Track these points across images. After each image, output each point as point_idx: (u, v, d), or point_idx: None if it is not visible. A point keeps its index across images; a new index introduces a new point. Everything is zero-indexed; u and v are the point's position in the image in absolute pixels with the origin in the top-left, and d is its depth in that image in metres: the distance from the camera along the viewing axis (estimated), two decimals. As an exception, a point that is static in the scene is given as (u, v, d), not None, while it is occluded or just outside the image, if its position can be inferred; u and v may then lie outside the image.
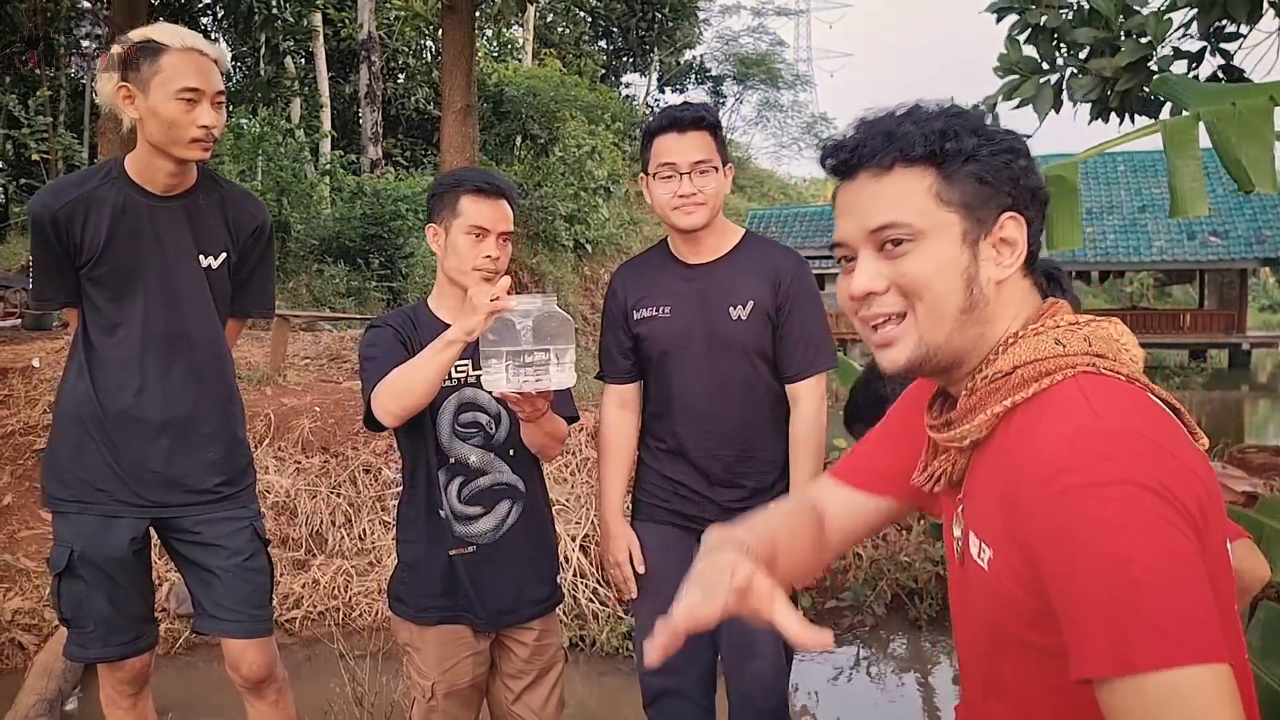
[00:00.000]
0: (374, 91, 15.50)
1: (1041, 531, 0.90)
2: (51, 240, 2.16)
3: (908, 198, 1.02)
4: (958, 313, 1.02)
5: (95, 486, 2.23)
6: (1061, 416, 0.94)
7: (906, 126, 1.02)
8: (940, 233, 1.01)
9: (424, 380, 1.99)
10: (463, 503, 2.20)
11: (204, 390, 2.29)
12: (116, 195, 2.19)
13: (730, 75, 28.26)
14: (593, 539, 4.93)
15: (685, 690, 2.37)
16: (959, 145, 1.01)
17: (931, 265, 1.01)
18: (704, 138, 2.26)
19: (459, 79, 6.01)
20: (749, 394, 2.35)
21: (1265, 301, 38.17)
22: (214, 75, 2.14)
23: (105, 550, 2.23)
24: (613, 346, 2.46)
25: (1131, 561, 0.83)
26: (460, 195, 2.16)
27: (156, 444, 2.24)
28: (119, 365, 2.22)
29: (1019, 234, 1.03)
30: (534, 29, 21.46)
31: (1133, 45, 3.48)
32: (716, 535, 1.09)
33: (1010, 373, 1.00)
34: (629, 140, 19.63)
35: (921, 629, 4.82)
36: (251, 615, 2.31)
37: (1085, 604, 0.86)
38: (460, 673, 2.22)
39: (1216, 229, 21.60)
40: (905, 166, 1.02)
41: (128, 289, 2.21)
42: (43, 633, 4.41)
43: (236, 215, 2.32)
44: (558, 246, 15.49)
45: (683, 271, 2.38)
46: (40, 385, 5.99)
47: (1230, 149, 2.11)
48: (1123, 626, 0.83)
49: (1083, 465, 0.88)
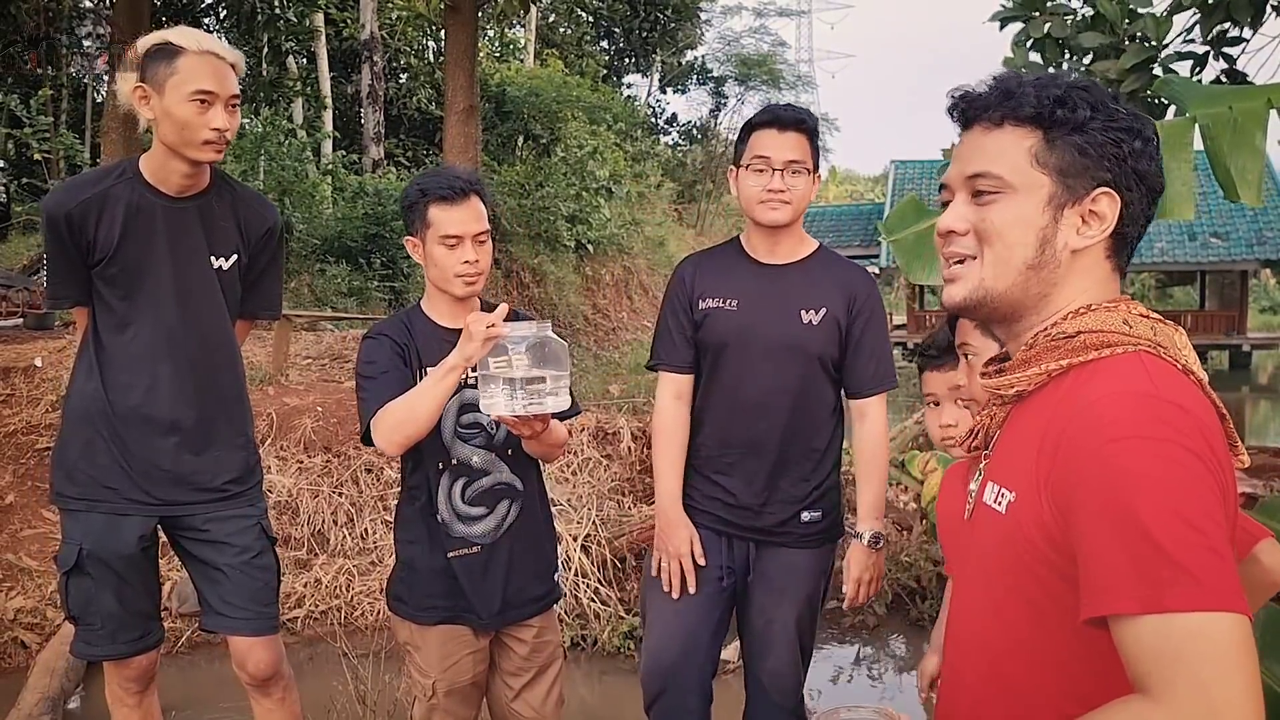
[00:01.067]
0: (376, 92, 15.50)
1: (1085, 476, 0.93)
2: (65, 238, 2.17)
3: (1007, 153, 1.07)
4: (1024, 266, 1.07)
5: (104, 484, 2.24)
6: (1121, 380, 0.98)
7: (1026, 88, 1.07)
8: (1029, 191, 1.06)
9: (426, 410, 2.02)
10: (466, 503, 2.20)
11: (213, 389, 2.31)
12: (130, 195, 2.20)
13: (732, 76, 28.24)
14: (594, 539, 4.94)
15: (685, 693, 2.38)
16: (1070, 114, 1.05)
17: (1010, 217, 1.07)
18: (801, 139, 2.28)
19: (462, 79, 6.02)
20: (803, 399, 2.33)
21: (1266, 303, 38.11)
22: (229, 79, 2.15)
23: (114, 548, 2.24)
24: (674, 330, 2.43)
25: (1174, 512, 0.88)
26: (428, 205, 2.15)
27: (165, 442, 2.25)
28: (129, 364, 2.23)
29: (1111, 211, 1.05)
30: (536, 29, 21.46)
31: (1137, 48, 3.49)
32: None
33: (1073, 336, 1.04)
34: (630, 141, 19.64)
35: (923, 629, 4.82)
36: (259, 613, 2.32)
37: (1115, 544, 0.89)
38: (461, 670, 2.22)
39: (1217, 230, 21.58)
40: (1014, 125, 1.07)
41: (139, 288, 2.22)
42: (45, 631, 4.42)
43: (248, 217, 2.34)
44: (559, 247, 15.49)
45: (755, 269, 2.37)
46: (42, 385, 6.00)
47: (1221, 157, 2.11)
48: (1155, 568, 0.87)
49: (1137, 421, 0.93)
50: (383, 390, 2.09)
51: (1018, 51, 3.80)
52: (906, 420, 8.64)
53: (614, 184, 16.71)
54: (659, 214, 20.19)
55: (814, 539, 2.37)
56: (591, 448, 5.53)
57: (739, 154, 2.34)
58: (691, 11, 24.43)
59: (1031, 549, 1.00)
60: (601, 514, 5.11)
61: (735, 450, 2.36)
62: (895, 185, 24.66)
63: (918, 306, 23.41)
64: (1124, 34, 3.59)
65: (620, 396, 6.83)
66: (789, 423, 2.33)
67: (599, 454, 5.61)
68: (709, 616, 2.39)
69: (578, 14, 23.08)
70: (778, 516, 2.35)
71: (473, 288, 2.19)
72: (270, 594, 2.36)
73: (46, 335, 7.84)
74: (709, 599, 2.39)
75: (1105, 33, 3.63)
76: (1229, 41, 3.67)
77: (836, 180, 46.36)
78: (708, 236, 23.28)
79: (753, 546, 2.39)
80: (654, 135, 24.20)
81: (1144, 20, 3.56)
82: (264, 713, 2.40)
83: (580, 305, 15.25)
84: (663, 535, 2.39)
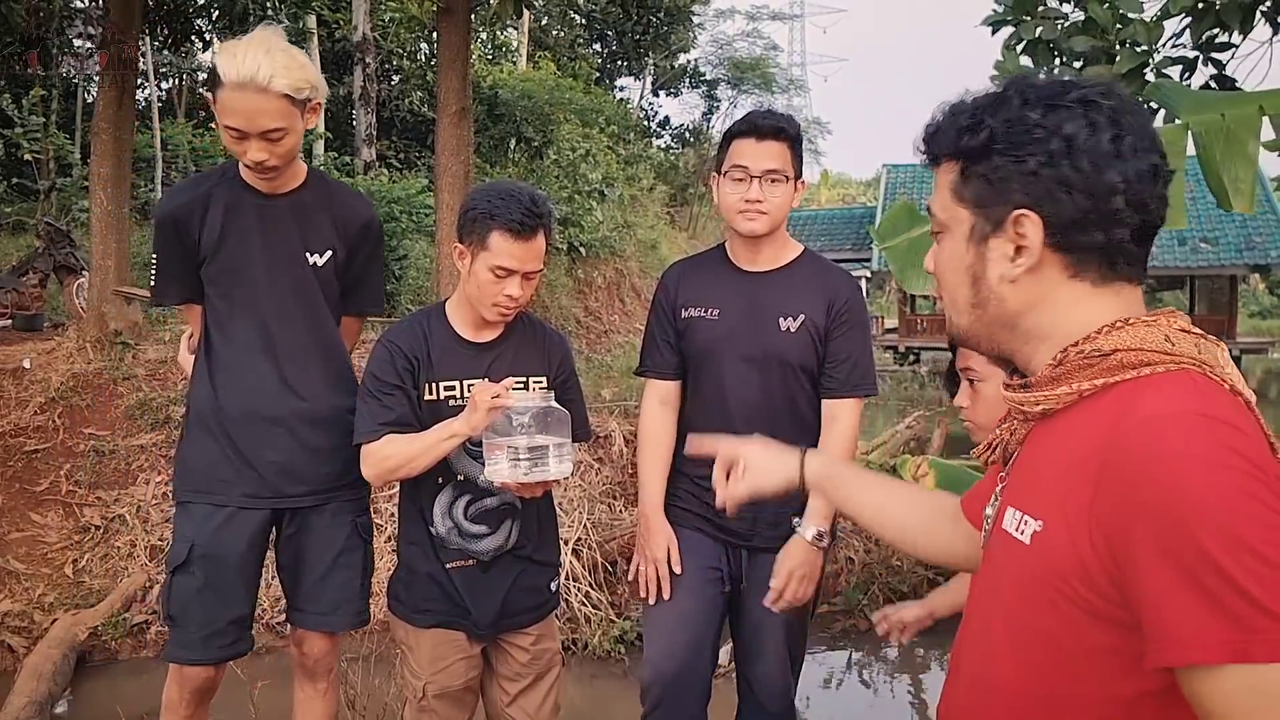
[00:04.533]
0: (368, 93, 15.47)
1: (1141, 507, 0.84)
2: (172, 239, 2.24)
3: (940, 192, 1.06)
4: (969, 306, 1.04)
5: (217, 478, 2.27)
6: (1169, 399, 0.89)
7: (946, 120, 1.04)
8: (955, 227, 1.04)
9: (422, 464, 2.06)
10: (469, 520, 2.19)
11: (314, 384, 2.30)
12: (229, 194, 2.24)
13: (724, 79, 28.25)
14: (585, 543, 4.93)
15: (687, 702, 2.37)
16: (974, 140, 0.99)
17: (945, 257, 1.06)
18: (780, 148, 2.25)
19: (454, 81, 6.00)
20: (787, 407, 2.32)
21: (1255, 307, 38.32)
22: (262, 114, 2.05)
23: (224, 545, 2.25)
24: (659, 338, 2.44)
25: (1250, 549, 0.79)
26: (491, 230, 2.04)
27: (271, 436, 2.25)
28: (233, 361, 2.26)
29: (1033, 232, 0.97)
30: (529, 32, 21.45)
31: (1129, 53, 3.49)
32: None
33: (1109, 354, 0.95)
34: (623, 144, 19.63)
35: (913, 633, 4.82)
36: (337, 608, 2.36)
37: (1187, 585, 0.80)
38: (452, 675, 2.22)
39: (1207, 235, 21.68)
40: (946, 160, 1.04)
41: (238, 286, 2.25)
42: (33, 635, 4.39)
43: (343, 213, 2.32)
44: (551, 250, 15.44)
45: (737, 277, 2.37)
46: (31, 386, 5.96)
47: (1213, 165, 2.11)
48: (1238, 613, 0.78)
49: (1198, 445, 0.83)
50: (381, 413, 2.10)
51: (1008, 56, 3.80)
52: (898, 425, 8.66)
53: (606, 187, 16.69)
54: (651, 217, 20.18)
55: None
56: (583, 451, 5.52)
57: (719, 161, 2.34)
58: (684, 15, 24.43)
59: (1063, 585, 0.91)
60: (592, 517, 5.11)
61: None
62: (887, 189, 24.71)
63: (909, 310, 23.45)
64: (1115, 39, 3.59)
65: (612, 400, 6.82)
66: (772, 430, 2.29)
67: (590, 457, 5.60)
68: (710, 624, 2.39)
69: (570, 16, 23.07)
70: (768, 523, 2.34)
71: (505, 318, 2.16)
72: (352, 591, 2.37)
73: (35, 336, 7.79)
74: (709, 605, 2.38)
75: (1096, 37, 3.63)
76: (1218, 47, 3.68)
77: (828, 184, 46.41)
78: (700, 239, 23.28)
79: (745, 553, 2.39)
80: (646, 138, 24.18)
81: (1135, 25, 3.56)
82: (305, 699, 2.44)
83: (572, 308, 15.22)
84: (641, 540, 2.41)
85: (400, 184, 13.79)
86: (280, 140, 2.11)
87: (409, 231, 12.66)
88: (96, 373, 6.11)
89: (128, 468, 5.50)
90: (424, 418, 2.13)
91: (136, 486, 5.37)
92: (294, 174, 2.27)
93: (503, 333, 2.21)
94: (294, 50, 2.11)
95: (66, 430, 5.66)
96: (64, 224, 9.24)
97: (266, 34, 2.09)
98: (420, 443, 2.06)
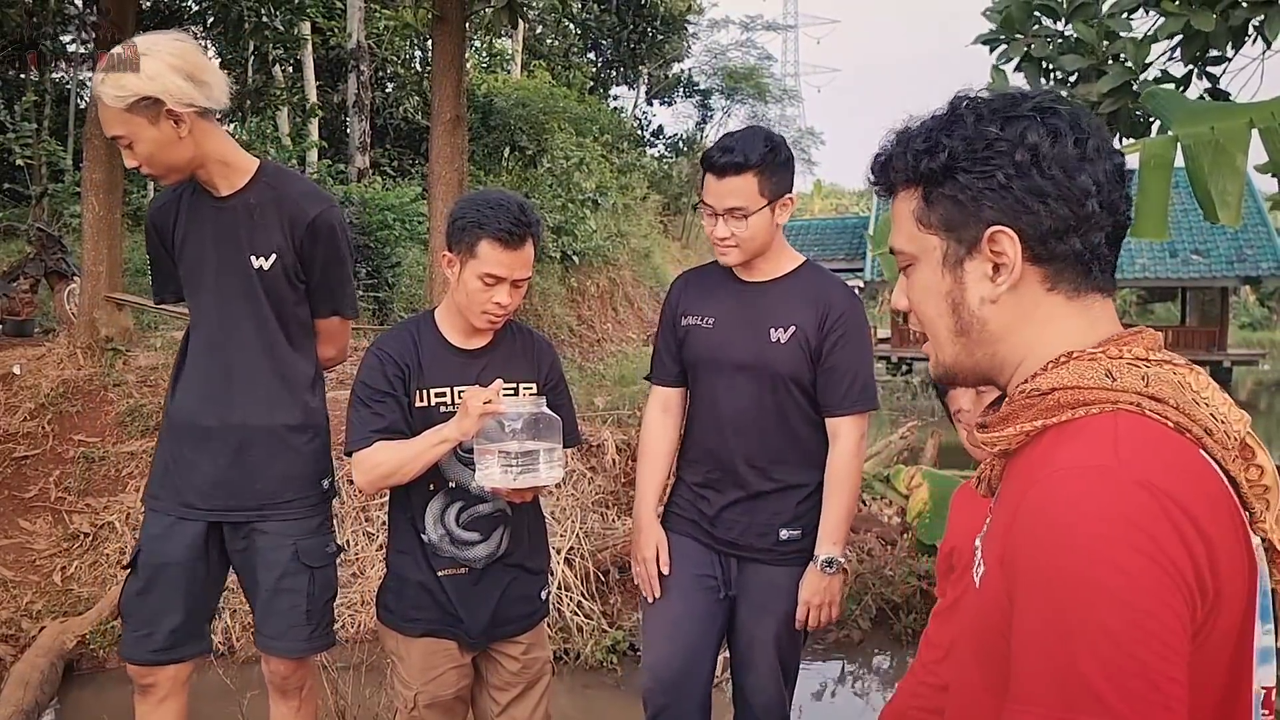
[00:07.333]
0: (362, 101, 15.45)
1: (1026, 564, 0.83)
2: (155, 243, 2.31)
3: (901, 222, 1.01)
4: (952, 335, 1.00)
5: (163, 486, 2.28)
6: (1082, 452, 0.86)
7: (900, 147, 0.99)
8: (925, 256, 0.99)
9: (412, 471, 2.06)
10: (461, 527, 2.19)
11: (255, 396, 2.24)
12: (192, 198, 2.25)
13: (718, 89, 28.32)
14: (578, 552, 4.91)
15: (688, 708, 2.38)
16: (934, 163, 0.95)
17: (919, 290, 1.01)
18: (740, 182, 2.20)
19: (448, 89, 6.00)
20: (780, 417, 2.32)
21: (1246, 319, 38.48)
22: (105, 123, 2.08)
23: (164, 552, 2.26)
24: (662, 348, 2.49)
25: (1097, 626, 0.77)
26: (480, 239, 2.06)
27: (205, 447, 2.24)
28: (192, 367, 2.28)
29: (1011, 248, 0.93)
30: (524, 40, 21.48)
31: (1118, 70, 3.51)
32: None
33: (1047, 393, 0.92)
34: (617, 152, 19.66)
35: (905, 644, 4.82)
36: (282, 633, 2.31)
37: (1040, 649, 0.80)
38: (443, 684, 2.21)
39: (1198, 247, 21.78)
40: (903, 189, 1.00)
41: (195, 291, 2.27)
42: (20, 643, 4.36)
43: (291, 212, 2.23)
44: (545, 258, 15.46)
45: (735, 287, 2.38)
46: (20, 392, 5.93)
47: (1201, 178, 2.12)
48: (1072, 692, 0.77)
49: (1085, 509, 0.81)
50: (372, 420, 2.10)
51: (997, 76, 3.82)
52: (891, 435, 8.67)
53: (600, 195, 16.72)
54: (645, 226, 20.21)
55: (793, 557, 2.35)
56: (575, 460, 5.51)
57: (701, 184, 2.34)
58: (679, 24, 24.52)
59: (991, 634, 0.89)
60: (585, 527, 5.09)
61: (715, 465, 2.37)
62: (880, 199, 24.77)
63: (902, 320, 23.46)
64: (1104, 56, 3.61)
65: (605, 408, 6.82)
66: (765, 441, 2.33)
67: (583, 466, 5.59)
68: (708, 630, 2.39)
69: (565, 25, 23.12)
70: (757, 533, 2.35)
71: (494, 325, 2.16)
72: (299, 616, 2.29)
73: (26, 342, 7.75)
74: (707, 612, 2.39)
75: (1086, 55, 3.66)
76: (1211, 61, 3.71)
77: (821, 194, 46.54)
78: (693, 249, 23.32)
79: (735, 562, 2.39)
80: (640, 147, 24.23)
81: (1123, 43, 3.59)
82: (279, 717, 2.42)
83: (565, 316, 15.23)
84: (634, 541, 2.46)
85: (394, 191, 13.79)
86: (131, 147, 2.09)
87: (403, 239, 12.66)
88: (87, 379, 6.09)
89: (118, 475, 5.47)
90: (415, 424, 2.13)
91: (126, 494, 5.34)
92: (238, 173, 2.22)
93: (492, 340, 2.22)
94: (150, 58, 2.02)
95: (56, 436, 5.63)
96: (55, 229, 9.19)
97: (146, 41, 2.05)
98: (411, 449, 2.05)
